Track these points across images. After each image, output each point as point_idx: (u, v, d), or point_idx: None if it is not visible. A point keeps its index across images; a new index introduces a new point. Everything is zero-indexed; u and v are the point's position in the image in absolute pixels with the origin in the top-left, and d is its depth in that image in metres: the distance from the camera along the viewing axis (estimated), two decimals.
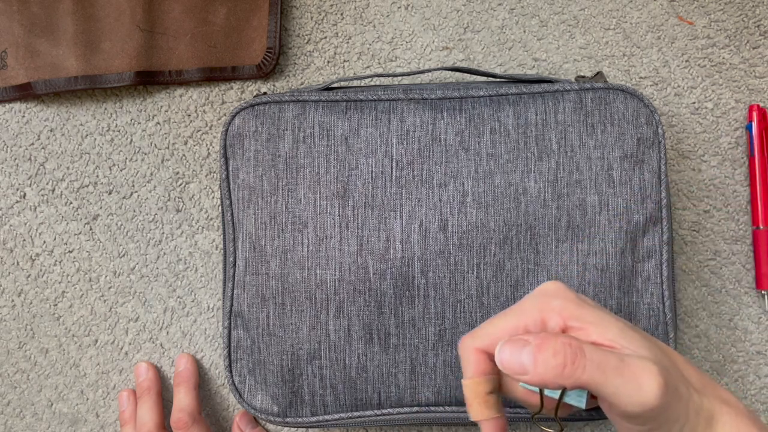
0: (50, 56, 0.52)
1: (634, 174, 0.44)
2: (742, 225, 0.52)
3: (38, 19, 0.52)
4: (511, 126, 0.45)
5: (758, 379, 0.51)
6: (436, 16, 0.54)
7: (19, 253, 0.53)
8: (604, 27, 0.53)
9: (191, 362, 0.51)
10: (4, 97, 0.53)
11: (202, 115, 0.53)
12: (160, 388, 0.51)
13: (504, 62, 0.53)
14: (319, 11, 0.54)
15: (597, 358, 0.29)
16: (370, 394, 0.45)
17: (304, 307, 0.44)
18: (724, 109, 0.52)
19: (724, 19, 0.53)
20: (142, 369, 0.51)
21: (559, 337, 0.30)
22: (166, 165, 0.53)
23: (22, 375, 0.53)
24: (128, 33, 0.51)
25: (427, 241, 0.44)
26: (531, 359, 0.29)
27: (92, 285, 0.53)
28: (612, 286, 0.44)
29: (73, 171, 0.53)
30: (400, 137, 0.45)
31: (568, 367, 0.29)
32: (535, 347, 0.30)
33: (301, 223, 0.44)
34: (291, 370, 0.45)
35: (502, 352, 0.30)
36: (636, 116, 0.45)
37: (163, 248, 0.53)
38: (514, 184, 0.44)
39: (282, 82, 0.54)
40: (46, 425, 0.52)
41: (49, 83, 0.52)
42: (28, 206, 0.53)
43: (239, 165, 0.46)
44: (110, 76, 0.51)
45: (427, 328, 0.44)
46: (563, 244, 0.44)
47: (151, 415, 0.49)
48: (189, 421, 0.48)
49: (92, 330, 0.53)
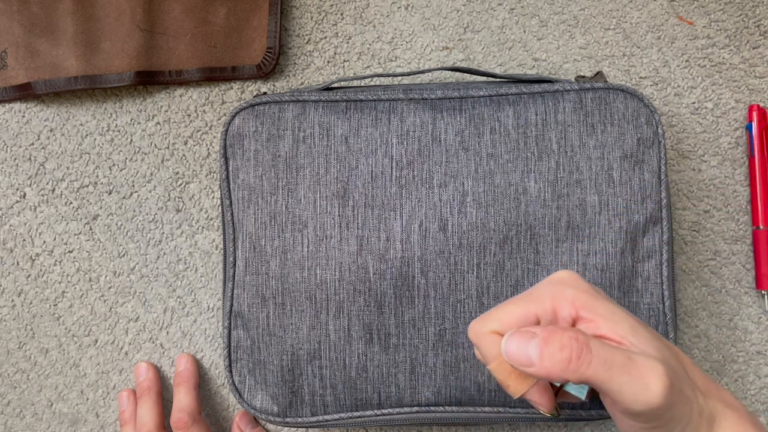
0: (50, 56, 0.52)
1: (634, 174, 0.44)
2: (742, 225, 0.52)
3: (38, 19, 0.52)
4: (511, 126, 0.45)
5: (758, 379, 0.51)
6: (436, 16, 0.54)
7: (19, 253, 0.53)
8: (604, 27, 0.53)
9: (191, 362, 0.51)
10: (4, 97, 0.53)
11: (202, 115, 0.53)
12: (160, 388, 0.51)
13: (504, 62, 0.53)
14: (319, 11, 0.54)
15: (603, 355, 0.29)
16: (370, 394, 0.45)
17: (304, 307, 0.44)
18: (724, 109, 0.52)
19: (724, 19, 0.53)
20: (142, 369, 0.51)
21: (566, 331, 0.30)
22: (166, 165, 0.53)
23: (22, 375, 0.53)
24: (128, 33, 0.51)
25: (427, 241, 0.44)
26: (537, 352, 0.29)
27: (92, 285, 0.53)
28: (612, 286, 0.44)
29: (73, 171, 0.53)
30: (400, 137, 0.45)
31: (574, 361, 0.29)
32: (542, 340, 0.30)
33: (301, 223, 0.44)
34: (291, 370, 0.45)
35: (509, 343, 0.30)
36: (636, 116, 0.45)
37: (163, 248, 0.53)
38: (514, 184, 0.44)
39: (282, 82, 0.54)
40: (46, 425, 0.52)
41: (49, 83, 0.52)
42: (28, 206, 0.53)
43: (239, 165, 0.46)
44: (110, 76, 0.51)
45: (427, 328, 0.44)
46: (563, 244, 0.44)
47: (151, 415, 0.49)
48: (189, 421, 0.48)
49: (92, 330, 0.53)
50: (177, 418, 0.48)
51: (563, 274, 0.34)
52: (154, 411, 0.49)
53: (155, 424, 0.49)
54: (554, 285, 0.33)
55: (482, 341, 0.32)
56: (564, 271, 0.34)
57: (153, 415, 0.49)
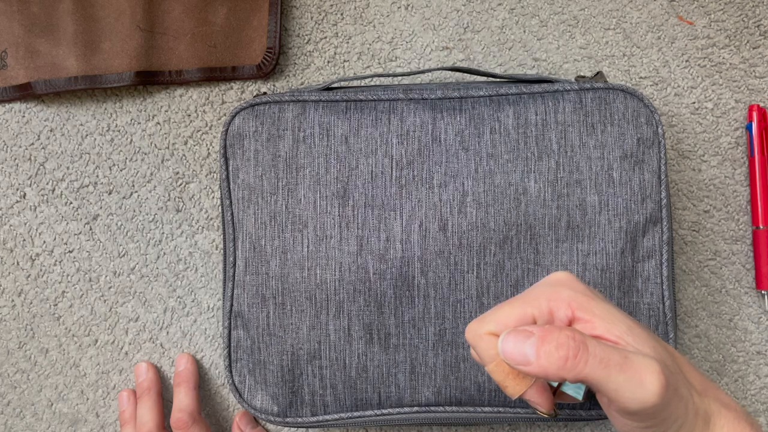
0: (50, 56, 0.52)
1: (634, 174, 0.44)
2: (742, 225, 0.52)
3: (38, 19, 0.52)
4: (511, 126, 0.45)
5: (758, 379, 0.51)
6: (436, 16, 0.54)
7: (19, 253, 0.53)
8: (604, 27, 0.53)
9: (191, 362, 0.51)
10: (4, 97, 0.53)
11: (202, 115, 0.53)
12: (160, 388, 0.51)
13: (504, 62, 0.53)
14: (319, 11, 0.54)
15: (600, 353, 0.29)
16: (370, 394, 0.45)
17: (304, 307, 0.44)
18: (724, 109, 0.52)
19: (724, 19, 0.53)
20: (142, 369, 0.51)
21: (563, 330, 0.30)
22: (166, 165, 0.53)
23: (22, 375, 0.53)
24: (128, 33, 0.51)
25: (427, 241, 0.44)
26: (534, 350, 0.30)
27: (92, 285, 0.53)
28: (612, 286, 0.44)
29: (73, 171, 0.53)
30: (400, 137, 0.45)
31: (570, 360, 0.29)
32: (539, 339, 0.30)
33: (301, 223, 0.44)
34: (291, 370, 0.45)
35: (506, 342, 0.31)
36: (636, 116, 0.45)
37: (163, 248, 0.53)
38: (514, 184, 0.44)
39: (282, 82, 0.54)
40: (46, 425, 0.52)
41: (48, 83, 0.52)
42: (28, 206, 0.53)
43: (239, 165, 0.46)
44: (110, 76, 0.51)
45: (427, 328, 0.44)
46: (563, 244, 0.44)
47: (152, 415, 0.49)
48: (189, 421, 0.48)
49: (92, 330, 0.53)
50: (177, 418, 0.48)
51: (559, 275, 0.34)
52: (154, 411, 0.49)
53: (155, 424, 0.49)
54: (550, 286, 0.33)
55: (479, 342, 0.33)
56: (560, 272, 0.34)
57: (153, 415, 0.49)
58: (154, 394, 0.50)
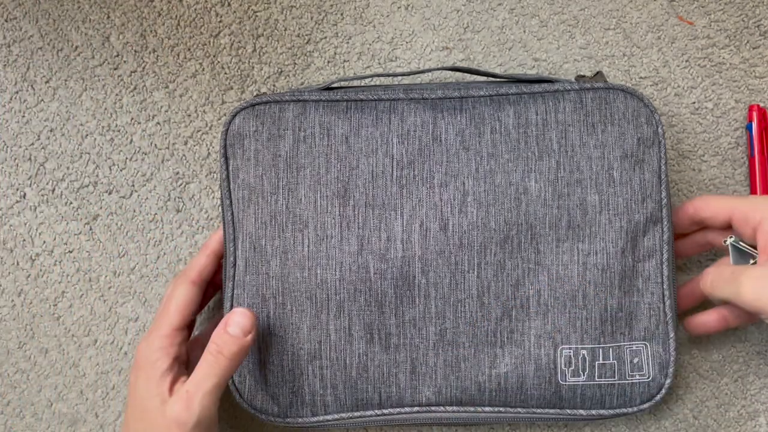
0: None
1: (635, 173, 0.44)
2: None
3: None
4: (511, 126, 0.45)
5: (758, 379, 0.51)
6: (436, 16, 0.54)
7: (19, 253, 0.53)
8: (604, 27, 0.53)
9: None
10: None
11: (202, 115, 0.53)
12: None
13: (504, 62, 0.53)
14: (319, 11, 0.54)
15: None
16: (371, 394, 0.45)
17: (305, 306, 0.44)
18: (724, 109, 0.52)
19: (724, 19, 0.53)
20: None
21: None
22: (166, 165, 0.53)
23: (22, 375, 0.53)
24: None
25: (427, 240, 0.44)
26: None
27: (92, 285, 0.53)
28: (612, 285, 0.44)
29: (73, 171, 0.53)
30: (400, 137, 0.45)
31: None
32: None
33: (301, 223, 0.44)
34: (291, 370, 0.45)
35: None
36: (636, 116, 0.45)
37: (163, 248, 0.53)
38: (515, 183, 0.44)
39: (282, 81, 0.54)
40: (45, 425, 0.52)
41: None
42: (28, 206, 0.53)
43: (239, 165, 0.46)
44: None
45: (427, 328, 0.44)
46: (564, 243, 0.44)
47: (191, 292, 0.45)
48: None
49: (92, 330, 0.53)
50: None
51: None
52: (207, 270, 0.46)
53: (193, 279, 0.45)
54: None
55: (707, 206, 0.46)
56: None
57: (192, 294, 0.45)
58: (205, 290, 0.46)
